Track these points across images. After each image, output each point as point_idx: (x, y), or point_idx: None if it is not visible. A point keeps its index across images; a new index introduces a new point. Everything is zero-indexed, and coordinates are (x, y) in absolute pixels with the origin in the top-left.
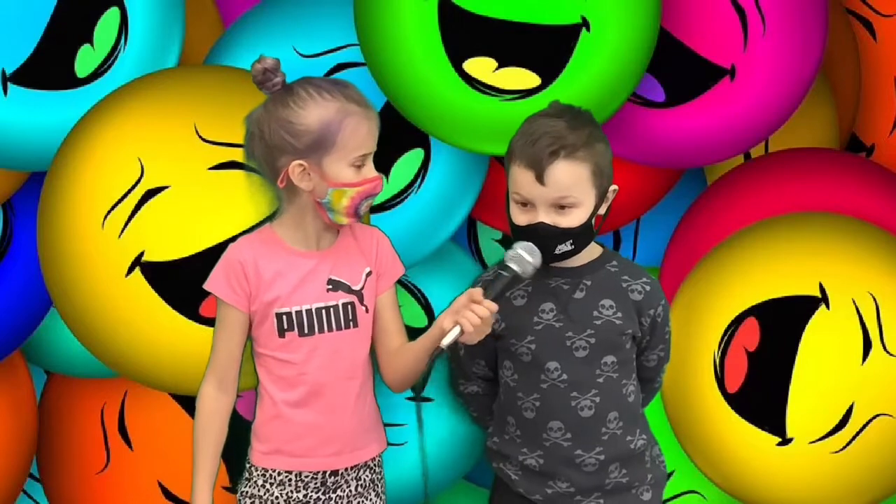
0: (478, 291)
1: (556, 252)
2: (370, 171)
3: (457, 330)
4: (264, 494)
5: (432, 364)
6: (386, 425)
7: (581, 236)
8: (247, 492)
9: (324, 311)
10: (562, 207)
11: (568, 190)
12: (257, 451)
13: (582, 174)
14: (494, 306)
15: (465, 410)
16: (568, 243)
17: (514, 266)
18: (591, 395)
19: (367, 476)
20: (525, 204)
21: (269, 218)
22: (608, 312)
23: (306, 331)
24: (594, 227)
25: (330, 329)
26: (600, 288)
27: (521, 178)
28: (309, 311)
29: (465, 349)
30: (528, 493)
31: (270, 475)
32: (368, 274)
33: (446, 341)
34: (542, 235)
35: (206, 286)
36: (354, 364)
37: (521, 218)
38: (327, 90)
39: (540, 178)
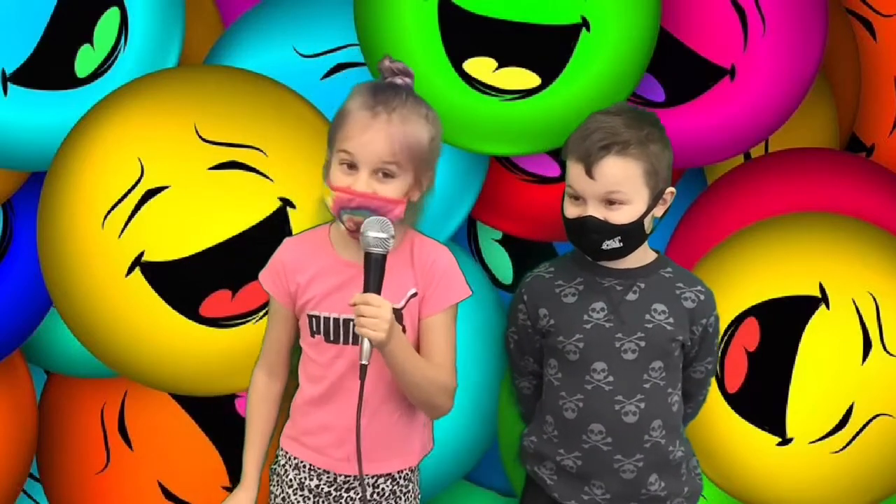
0: (357, 295)
1: (604, 248)
2: (359, 182)
3: (366, 341)
4: (283, 474)
5: (362, 380)
6: None
7: (631, 235)
8: (274, 468)
9: (352, 324)
10: (611, 203)
11: (617, 185)
12: (285, 433)
13: (633, 171)
14: (376, 298)
15: (517, 406)
16: (616, 240)
17: (372, 250)
18: (635, 401)
19: (387, 486)
20: (577, 198)
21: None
22: (660, 317)
23: (332, 338)
24: (647, 228)
25: (355, 343)
26: (653, 292)
27: (573, 172)
28: (336, 321)
29: (514, 345)
30: (562, 497)
31: (289, 458)
32: (413, 295)
33: (364, 357)
34: (590, 229)
35: (259, 277)
36: (378, 379)
37: (571, 210)
38: (361, 90)
39: (589, 172)
